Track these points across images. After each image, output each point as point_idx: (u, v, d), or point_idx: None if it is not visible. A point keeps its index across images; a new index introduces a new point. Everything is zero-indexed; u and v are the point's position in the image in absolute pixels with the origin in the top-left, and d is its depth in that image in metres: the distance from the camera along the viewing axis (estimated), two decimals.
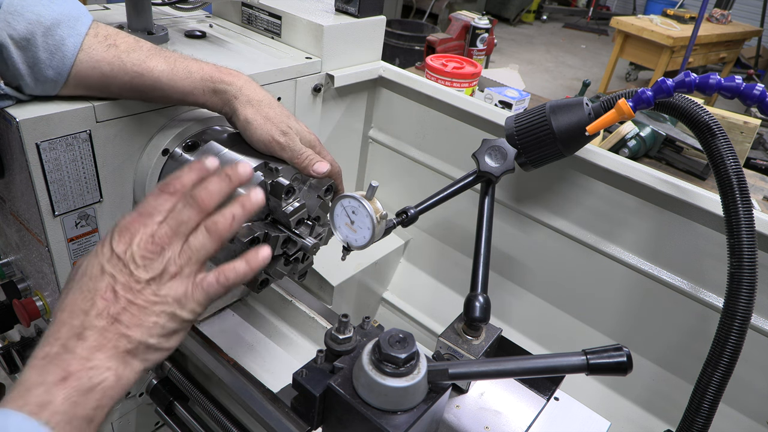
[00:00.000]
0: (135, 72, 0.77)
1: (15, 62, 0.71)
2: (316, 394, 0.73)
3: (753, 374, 0.99)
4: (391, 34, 4.47)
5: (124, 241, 0.58)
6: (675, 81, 0.84)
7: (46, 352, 0.54)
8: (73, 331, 0.55)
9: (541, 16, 8.98)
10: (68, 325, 0.56)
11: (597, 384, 1.19)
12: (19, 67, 0.72)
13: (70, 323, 0.56)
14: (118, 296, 0.57)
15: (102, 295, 0.57)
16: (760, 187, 2.05)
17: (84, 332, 0.55)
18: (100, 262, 0.58)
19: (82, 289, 0.58)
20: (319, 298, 1.31)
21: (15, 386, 0.52)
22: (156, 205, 0.61)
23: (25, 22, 0.70)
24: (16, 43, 0.70)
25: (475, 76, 2.03)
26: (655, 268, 1.07)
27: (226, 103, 0.82)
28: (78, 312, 0.56)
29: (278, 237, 0.80)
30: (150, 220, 0.60)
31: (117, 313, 0.56)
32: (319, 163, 0.81)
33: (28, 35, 0.70)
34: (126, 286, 0.57)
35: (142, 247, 0.58)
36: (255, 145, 0.83)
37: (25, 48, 0.71)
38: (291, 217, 0.80)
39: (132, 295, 0.57)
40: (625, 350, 0.66)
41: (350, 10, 1.20)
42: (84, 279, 0.58)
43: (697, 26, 4.50)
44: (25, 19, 0.70)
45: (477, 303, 0.91)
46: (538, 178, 1.14)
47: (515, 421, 0.92)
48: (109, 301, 0.56)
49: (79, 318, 0.56)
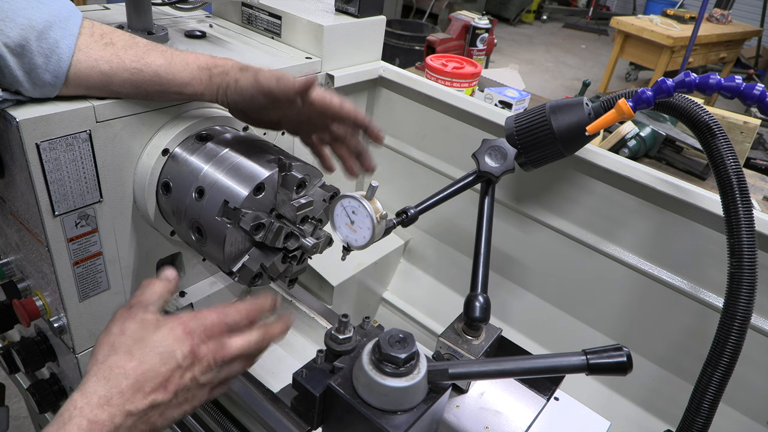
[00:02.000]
0: (134, 68, 0.78)
1: (12, 69, 0.70)
2: (316, 394, 0.73)
3: (753, 374, 0.99)
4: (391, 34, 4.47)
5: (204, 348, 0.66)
6: (675, 81, 0.84)
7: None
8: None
9: (541, 16, 8.98)
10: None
11: (597, 384, 1.19)
12: (16, 74, 0.71)
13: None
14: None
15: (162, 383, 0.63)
16: (760, 187, 2.05)
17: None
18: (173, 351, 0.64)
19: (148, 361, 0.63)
20: (319, 298, 1.31)
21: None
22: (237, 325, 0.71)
23: (18, 27, 0.69)
24: (11, 51, 0.69)
25: (475, 76, 2.03)
26: (655, 268, 1.07)
27: (221, 82, 0.81)
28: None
29: (282, 228, 0.80)
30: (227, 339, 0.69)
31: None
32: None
33: (22, 41, 0.69)
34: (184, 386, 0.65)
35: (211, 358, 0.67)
36: (245, 95, 0.81)
37: (21, 54, 0.70)
38: (299, 210, 0.81)
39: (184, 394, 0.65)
40: (625, 350, 0.67)
41: (350, 10, 1.20)
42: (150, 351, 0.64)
43: (697, 26, 4.50)
44: (17, 24, 0.69)
45: (477, 303, 0.91)
46: (538, 178, 1.14)
47: (515, 421, 0.92)
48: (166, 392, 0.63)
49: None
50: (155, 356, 0.62)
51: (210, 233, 0.81)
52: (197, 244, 0.85)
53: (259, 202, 0.81)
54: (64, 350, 0.98)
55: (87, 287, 0.90)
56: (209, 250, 0.84)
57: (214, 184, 0.81)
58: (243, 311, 0.71)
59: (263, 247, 0.83)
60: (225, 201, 0.79)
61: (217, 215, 0.79)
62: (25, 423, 2.04)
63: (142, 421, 0.61)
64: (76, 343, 0.94)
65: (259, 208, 0.81)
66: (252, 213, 0.79)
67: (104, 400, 0.58)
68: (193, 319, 0.67)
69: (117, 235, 0.91)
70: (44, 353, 1.02)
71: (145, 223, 0.94)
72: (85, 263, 0.88)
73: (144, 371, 0.61)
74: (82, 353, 0.96)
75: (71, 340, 0.94)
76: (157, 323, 0.66)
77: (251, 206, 0.79)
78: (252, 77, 0.80)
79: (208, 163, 0.84)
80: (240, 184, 0.80)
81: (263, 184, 0.80)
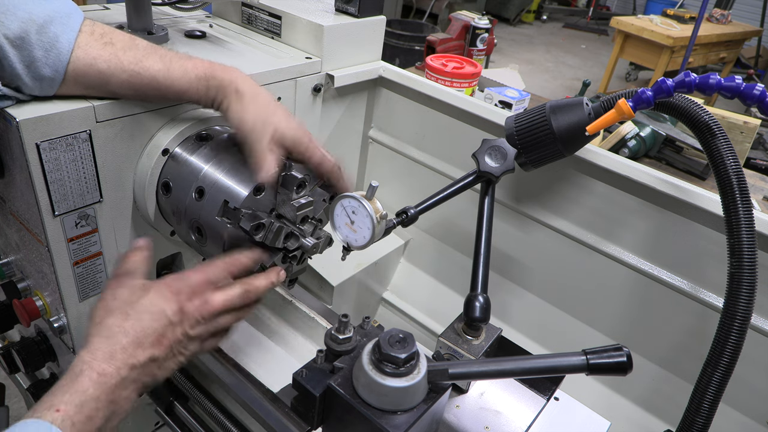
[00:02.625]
0: (132, 71, 0.78)
1: (11, 62, 0.71)
2: (316, 394, 0.73)
3: (753, 374, 0.99)
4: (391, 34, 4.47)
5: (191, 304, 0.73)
6: (675, 81, 0.84)
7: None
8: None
9: (541, 16, 8.98)
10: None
11: (597, 384, 1.19)
12: (15, 67, 0.72)
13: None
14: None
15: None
16: (760, 187, 2.05)
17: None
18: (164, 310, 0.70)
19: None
20: (319, 298, 1.31)
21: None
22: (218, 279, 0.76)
23: (18, 20, 0.70)
24: (11, 42, 0.70)
25: (475, 76, 2.03)
26: (655, 268, 1.07)
27: (216, 96, 0.82)
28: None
29: (282, 228, 0.80)
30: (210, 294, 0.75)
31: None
32: (265, 170, 0.78)
33: (22, 34, 0.71)
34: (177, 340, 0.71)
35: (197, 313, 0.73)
36: (231, 125, 0.84)
37: (20, 47, 0.71)
38: (299, 210, 0.81)
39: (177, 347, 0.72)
40: (625, 350, 0.66)
41: (350, 10, 1.20)
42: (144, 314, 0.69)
43: (697, 26, 4.50)
44: (17, 17, 0.70)
45: (477, 303, 0.91)
46: (538, 178, 1.14)
47: (515, 421, 0.92)
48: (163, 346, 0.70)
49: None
50: (148, 315, 0.69)
51: (210, 233, 0.81)
52: (197, 244, 0.85)
53: (259, 202, 0.81)
54: (64, 350, 0.98)
55: (87, 287, 0.90)
56: (209, 250, 0.84)
57: (214, 184, 0.81)
58: (222, 267, 0.76)
59: (263, 247, 0.83)
60: (225, 201, 0.79)
61: (217, 215, 0.79)
62: None
63: (144, 373, 0.68)
64: (76, 343, 0.94)
65: (259, 208, 0.81)
66: (252, 213, 0.79)
67: (108, 355, 0.65)
68: (178, 280, 0.73)
69: (117, 235, 0.91)
70: (44, 353, 1.02)
71: (145, 223, 0.94)
72: (85, 263, 0.88)
73: (142, 328, 0.68)
74: None
75: (71, 340, 0.94)
76: (144, 287, 0.72)
77: (251, 206, 0.79)
78: (237, 119, 0.81)
79: (208, 163, 0.84)
80: (240, 184, 0.80)
81: (263, 184, 0.80)
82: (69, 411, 0.60)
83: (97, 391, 0.62)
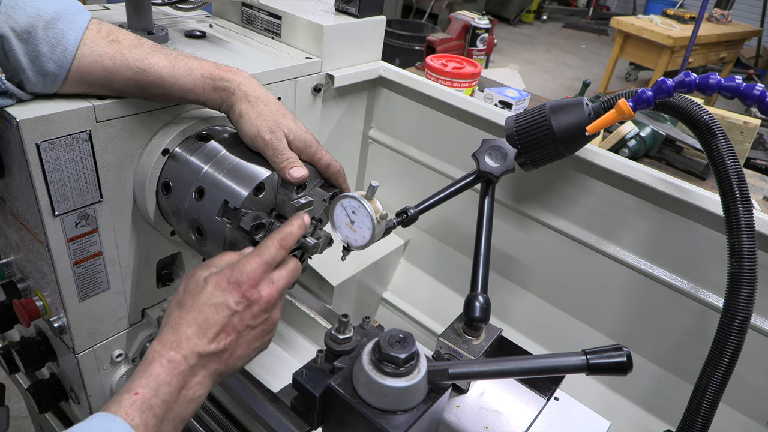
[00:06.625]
0: (137, 68, 0.78)
1: (17, 55, 0.72)
2: (316, 394, 0.73)
3: (753, 374, 0.99)
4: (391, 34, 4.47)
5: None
6: (675, 81, 0.84)
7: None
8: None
9: (541, 16, 8.98)
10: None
11: (597, 384, 1.19)
12: (20, 60, 0.72)
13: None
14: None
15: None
16: (760, 187, 2.05)
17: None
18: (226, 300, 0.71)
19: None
20: (319, 298, 1.31)
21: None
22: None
23: (26, 15, 0.71)
24: (18, 36, 0.71)
25: (475, 76, 2.03)
26: (655, 268, 1.07)
27: (225, 99, 0.82)
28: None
29: None
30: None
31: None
32: (295, 168, 0.80)
33: (30, 28, 0.71)
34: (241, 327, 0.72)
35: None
36: (243, 139, 0.84)
37: (27, 41, 0.72)
38: (299, 210, 0.81)
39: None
40: (625, 350, 0.67)
41: (350, 10, 1.20)
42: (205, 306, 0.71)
43: (697, 26, 4.50)
44: (25, 12, 0.71)
45: (477, 303, 0.91)
46: (538, 178, 1.14)
47: (515, 421, 0.92)
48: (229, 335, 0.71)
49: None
50: (209, 307, 0.70)
51: (210, 233, 0.81)
52: (197, 244, 0.85)
53: (259, 202, 0.81)
54: (64, 350, 0.98)
55: (87, 287, 0.90)
56: (209, 250, 0.84)
57: (214, 184, 0.81)
58: (276, 244, 0.75)
59: None
60: (225, 201, 0.79)
61: (217, 215, 0.79)
62: (25, 423, 2.04)
63: (214, 360, 0.70)
64: (76, 343, 0.94)
65: (259, 208, 0.81)
66: (252, 213, 0.79)
67: (175, 345, 0.68)
68: (235, 270, 0.72)
69: (117, 235, 0.91)
70: (44, 353, 1.02)
71: (145, 223, 0.94)
72: (85, 263, 0.88)
73: (204, 320, 0.70)
74: (82, 353, 0.96)
75: (71, 340, 0.94)
76: (205, 280, 0.73)
77: (251, 206, 0.79)
78: (253, 126, 0.81)
79: (208, 163, 0.84)
80: (240, 184, 0.80)
81: (263, 184, 0.80)
82: (146, 394, 0.63)
83: (168, 376, 0.65)
